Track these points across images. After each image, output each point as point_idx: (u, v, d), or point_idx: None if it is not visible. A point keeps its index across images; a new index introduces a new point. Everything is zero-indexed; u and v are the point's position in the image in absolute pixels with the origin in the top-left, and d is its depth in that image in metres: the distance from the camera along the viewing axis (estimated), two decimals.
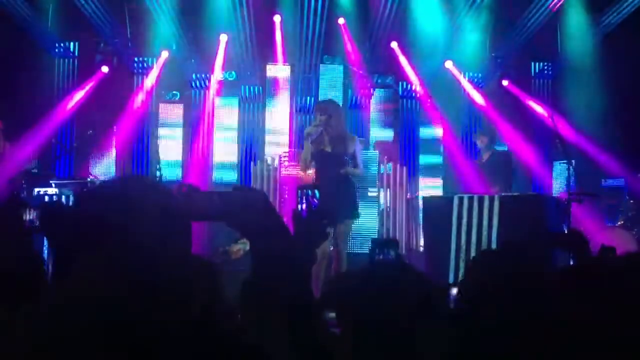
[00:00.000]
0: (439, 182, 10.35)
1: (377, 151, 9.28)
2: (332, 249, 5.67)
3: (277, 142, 10.10)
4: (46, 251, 5.36)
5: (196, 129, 10.24)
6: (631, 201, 8.73)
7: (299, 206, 1.86)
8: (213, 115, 10.25)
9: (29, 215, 5.07)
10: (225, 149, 10.22)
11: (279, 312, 2.11)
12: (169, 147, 10.01)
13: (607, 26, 9.76)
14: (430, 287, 1.82)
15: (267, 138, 10.26)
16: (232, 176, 10.13)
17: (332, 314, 1.81)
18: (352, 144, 5.82)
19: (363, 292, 1.75)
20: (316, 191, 1.81)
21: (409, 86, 10.64)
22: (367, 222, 8.34)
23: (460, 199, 6.64)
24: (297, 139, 10.18)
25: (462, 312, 2.14)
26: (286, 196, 8.64)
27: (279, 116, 10.27)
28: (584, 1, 9.82)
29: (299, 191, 1.85)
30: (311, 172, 5.90)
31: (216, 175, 10.11)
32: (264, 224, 1.69)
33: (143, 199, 1.31)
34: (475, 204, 6.51)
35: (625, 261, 2.28)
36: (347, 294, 1.79)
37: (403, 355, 1.64)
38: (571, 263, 4.74)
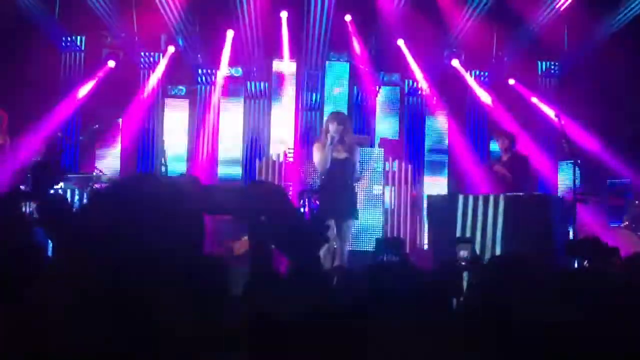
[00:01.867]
0: (444, 180, 10.34)
1: (382, 148, 9.26)
2: (335, 246, 5.98)
3: (282, 139, 10.10)
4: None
5: (201, 124, 10.25)
6: (636, 202, 8.70)
7: (301, 209, 1.90)
8: (218, 111, 10.26)
9: (29, 208, 5.09)
10: (230, 145, 10.22)
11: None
12: (175, 142, 10.03)
13: (614, 25, 9.73)
14: (433, 286, 1.82)
15: (272, 134, 10.26)
16: (236, 171, 10.14)
17: None
18: (357, 153, 6.60)
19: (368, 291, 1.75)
20: (317, 195, 1.85)
21: (414, 84, 10.62)
22: (371, 219, 8.34)
23: (465, 198, 6.63)
24: (302, 135, 10.18)
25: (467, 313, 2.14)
26: (290, 192, 8.64)
27: (284, 112, 10.26)
28: (591, 1, 9.78)
29: (301, 195, 1.90)
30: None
31: (221, 170, 10.12)
32: (287, 218, 1.72)
33: (157, 195, 1.31)
34: (480, 203, 6.50)
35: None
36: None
37: (408, 351, 1.64)
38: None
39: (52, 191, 6.55)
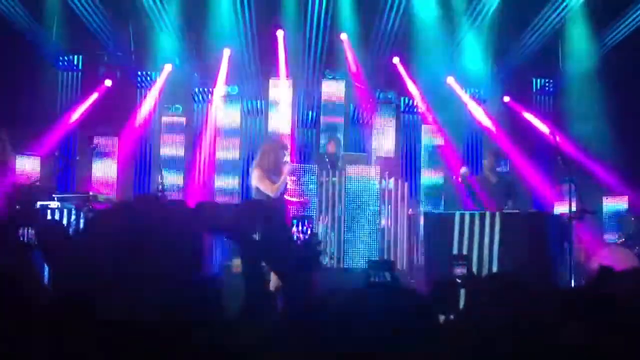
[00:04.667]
0: (440, 197, 10.33)
1: (378, 166, 9.27)
2: None
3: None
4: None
5: (198, 142, 10.27)
6: (632, 218, 8.72)
7: (294, 233, 1.91)
8: (215, 129, 10.28)
9: (28, 232, 5.09)
10: (227, 162, 10.23)
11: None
12: (171, 161, 10.04)
13: (608, 43, 9.81)
14: (426, 307, 1.82)
15: None
16: (234, 189, 10.13)
17: None
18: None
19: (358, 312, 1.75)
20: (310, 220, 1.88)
21: (410, 102, 10.67)
22: (367, 238, 8.32)
23: (462, 216, 6.63)
24: (299, 153, 10.21)
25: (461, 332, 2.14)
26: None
27: (280, 130, 10.28)
28: (585, 19, 9.87)
29: (293, 219, 1.92)
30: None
31: (218, 187, 10.11)
32: (278, 237, 1.74)
33: (157, 218, 1.32)
34: (477, 220, 6.51)
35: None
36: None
37: None
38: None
39: (49, 212, 6.55)
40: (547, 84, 10.81)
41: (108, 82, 9.96)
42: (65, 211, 6.51)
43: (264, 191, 6.53)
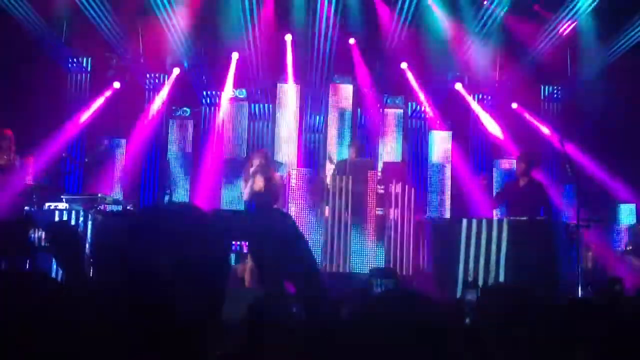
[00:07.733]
0: (447, 203, 10.32)
1: (385, 171, 9.26)
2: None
3: (285, 160, 10.12)
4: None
5: (206, 145, 10.28)
6: None
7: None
8: (222, 132, 10.30)
9: (37, 234, 5.11)
10: (234, 166, 10.24)
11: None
12: (178, 163, 10.07)
13: (618, 50, 9.79)
14: (433, 312, 1.81)
15: (276, 155, 10.27)
16: (240, 192, 10.13)
17: None
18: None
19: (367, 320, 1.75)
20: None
21: (418, 107, 10.67)
22: (373, 243, 8.32)
23: (469, 222, 6.62)
24: (306, 157, 10.21)
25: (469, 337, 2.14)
26: (294, 212, 8.63)
27: (288, 134, 10.29)
28: (595, 25, 9.85)
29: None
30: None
31: (225, 191, 10.13)
32: (292, 248, 1.73)
33: (180, 225, 1.31)
34: (484, 227, 6.49)
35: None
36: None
37: None
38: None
39: (57, 214, 6.57)
40: (555, 91, 10.79)
41: (117, 84, 9.99)
42: (73, 213, 6.53)
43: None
